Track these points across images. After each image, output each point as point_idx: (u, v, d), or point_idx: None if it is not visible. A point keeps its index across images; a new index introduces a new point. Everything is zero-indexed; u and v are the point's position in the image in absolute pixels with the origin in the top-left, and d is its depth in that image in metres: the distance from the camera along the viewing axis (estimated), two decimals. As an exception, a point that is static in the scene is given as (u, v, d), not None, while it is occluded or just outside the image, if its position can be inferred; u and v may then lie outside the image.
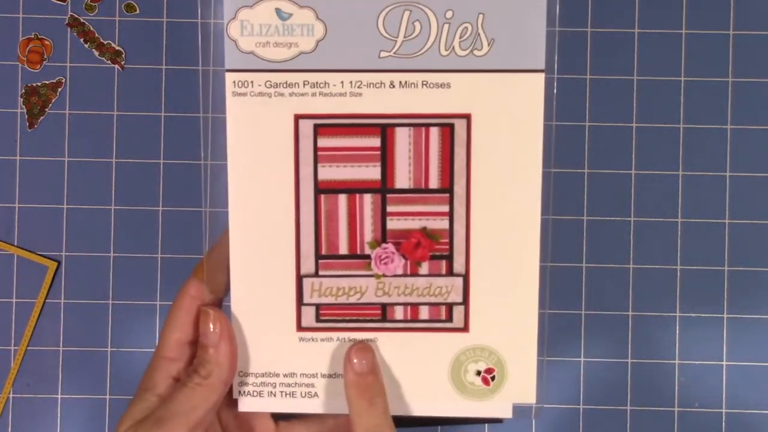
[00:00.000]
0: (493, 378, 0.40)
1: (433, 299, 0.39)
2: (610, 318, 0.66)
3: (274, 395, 0.39)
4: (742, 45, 0.66)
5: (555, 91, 0.39)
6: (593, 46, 0.66)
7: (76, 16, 0.66)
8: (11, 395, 0.66)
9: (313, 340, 0.39)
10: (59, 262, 0.66)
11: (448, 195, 0.39)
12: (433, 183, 0.39)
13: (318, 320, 0.39)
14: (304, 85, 0.38)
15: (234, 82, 0.38)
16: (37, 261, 0.66)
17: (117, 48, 0.66)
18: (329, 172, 0.38)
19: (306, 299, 0.39)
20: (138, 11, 0.66)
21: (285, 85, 0.38)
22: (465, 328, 0.40)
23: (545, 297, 0.40)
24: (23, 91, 0.66)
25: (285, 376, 0.39)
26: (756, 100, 0.66)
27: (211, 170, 0.41)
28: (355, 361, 0.38)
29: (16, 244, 0.66)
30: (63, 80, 0.66)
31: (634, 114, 0.67)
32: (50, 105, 0.66)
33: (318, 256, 0.39)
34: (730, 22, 0.66)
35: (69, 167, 0.66)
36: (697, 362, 0.66)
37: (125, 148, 0.66)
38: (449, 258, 0.39)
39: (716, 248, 0.66)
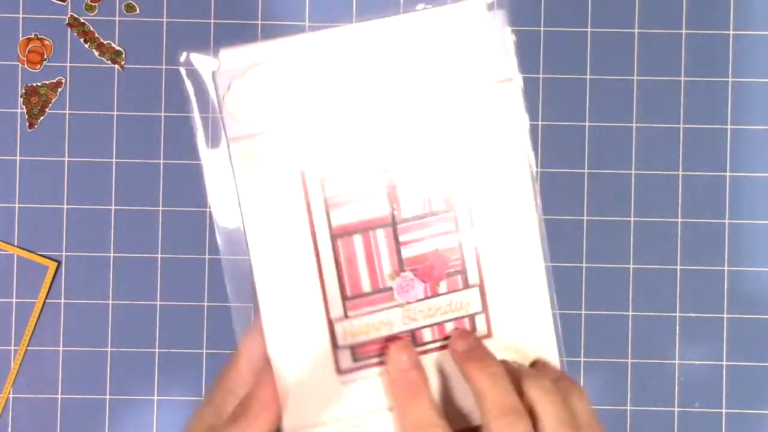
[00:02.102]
0: None
1: (455, 314, 0.41)
2: (610, 317, 0.66)
3: None
4: (742, 45, 0.66)
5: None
6: (593, 46, 0.66)
7: (76, 16, 0.66)
8: (11, 395, 0.66)
9: (353, 381, 0.40)
10: (59, 262, 0.66)
11: (452, 213, 0.40)
12: (438, 205, 0.40)
13: (355, 360, 0.40)
14: (304, 140, 0.40)
15: (239, 150, 0.40)
16: (37, 261, 0.66)
17: (117, 48, 0.66)
18: (341, 217, 0.40)
19: (340, 342, 0.40)
20: (138, 11, 0.66)
21: (287, 144, 0.40)
22: (489, 334, 0.41)
23: (554, 297, 0.41)
24: (23, 91, 0.66)
25: (332, 422, 0.40)
26: (756, 100, 0.66)
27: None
28: (395, 357, 0.39)
29: (16, 244, 0.66)
30: (63, 80, 0.66)
31: (634, 114, 0.67)
32: (50, 105, 0.66)
33: (344, 298, 0.40)
34: (730, 22, 0.67)
35: (69, 167, 0.66)
36: (697, 362, 0.66)
37: (125, 148, 0.66)
38: (463, 272, 0.41)
39: (716, 248, 0.66)
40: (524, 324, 0.41)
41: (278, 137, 0.40)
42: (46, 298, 0.66)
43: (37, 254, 0.66)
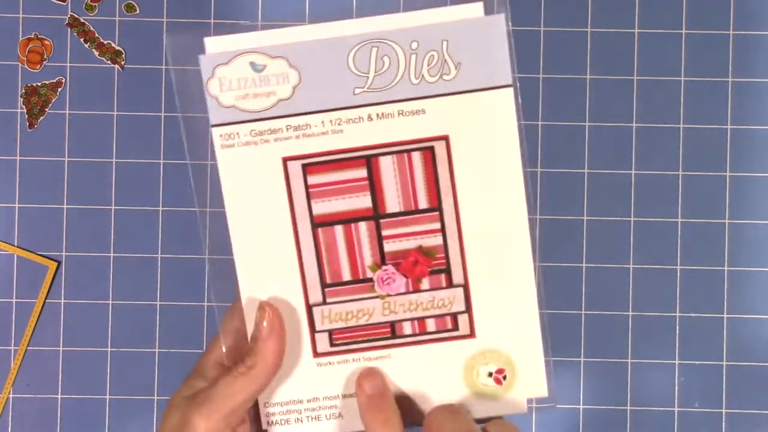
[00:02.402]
0: (504, 377, 0.41)
1: (437, 311, 0.41)
2: (610, 318, 0.66)
3: (301, 421, 0.41)
4: (742, 45, 0.66)
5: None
6: (593, 46, 0.66)
7: (76, 16, 0.66)
8: (11, 395, 0.66)
9: (330, 364, 0.41)
10: (59, 262, 0.66)
11: (437, 213, 0.41)
12: (422, 203, 0.41)
13: (332, 345, 0.41)
14: (287, 129, 0.40)
15: (221, 135, 0.40)
16: (37, 261, 0.66)
17: (117, 48, 0.66)
18: (323, 207, 0.41)
19: (318, 326, 0.41)
20: (138, 11, 0.66)
21: (269, 132, 0.40)
22: (471, 334, 0.41)
23: (542, 297, 0.41)
24: (23, 91, 0.66)
25: (309, 401, 0.41)
26: (756, 99, 0.66)
27: (211, 172, 0.41)
28: (365, 385, 0.40)
29: (16, 244, 0.66)
30: (63, 80, 0.66)
31: (634, 114, 0.67)
32: (50, 105, 0.66)
33: (323, 285, 0.41)
34: (730, 22, 0.66)
35: (69, 167, 0.66)
36: (697, 362, 0.66)
37: (125, 148, 0.66)
38: (447, 271, 0.41)
39: (716, 248, 0.66)
40: (509, 325, 0.41)
41: (261, 124, 0.40)
42: (46, 298, 0.66)
43: (37, 254, 0.66)
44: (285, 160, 0.40)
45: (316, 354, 0.41)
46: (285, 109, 0.40)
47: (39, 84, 0.66)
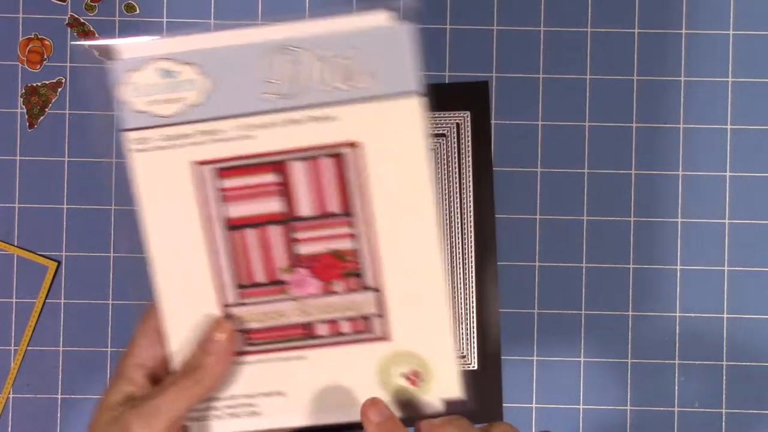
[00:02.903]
0: (421, 379, 0.42)
1: (351, 314, 0.42)
2: (611, 318, 0.66)
3: (221, 417, 0.42)
4: (742, 45, 0.66)
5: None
6: (593, 46, 0.66)
7: (76, 16, 0.66)
8: (11, 395, 0.66)
9: (247, 363, 0.42)
10: (59, 262, 0.66)
11: (350, 217, 0.41)
12: (333, 208, 0.41)
13: (248, 344, 0.42)
14: (198, 134, 0.41)
15: (133, 140, 0.41)
16: (37, 261, 0.66)
17: (117, 48, 0.66)
18: (236, 210, 0.41)
19: (234, 326, 0.42)
20: (138, 11, 0.66)
21: (180, 137, 0.41)
22: (386, 337, 0.42)
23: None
24: (23, 91, 0.66)
25: (227, 399, 0.42)
26: (756, 100, 0.66)
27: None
28: (370, 414, 0.40)
29: (16, 244, 0.66)
30: (63, 80, 0.66)
31: (634, 114, 0.67)
32: (50, 105, 0.66)
33: (238, 286, 0.42)
34: (730, 22, 0.67)
35: (69, 167, 0.66)
36: (697, 362, 0.66)
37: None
38: (359, 275, 0.42)
39: (716, 248, 0.66)
40: (423, 328, 0.42)
41: (172, 129, 0.41)
42: (46, 298, 0.66)
43: (37, 254, 0.66)
44: (196, 164, 0.41)
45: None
46: (196, 114, 0.41)
47: (39, 84, 0.66)
